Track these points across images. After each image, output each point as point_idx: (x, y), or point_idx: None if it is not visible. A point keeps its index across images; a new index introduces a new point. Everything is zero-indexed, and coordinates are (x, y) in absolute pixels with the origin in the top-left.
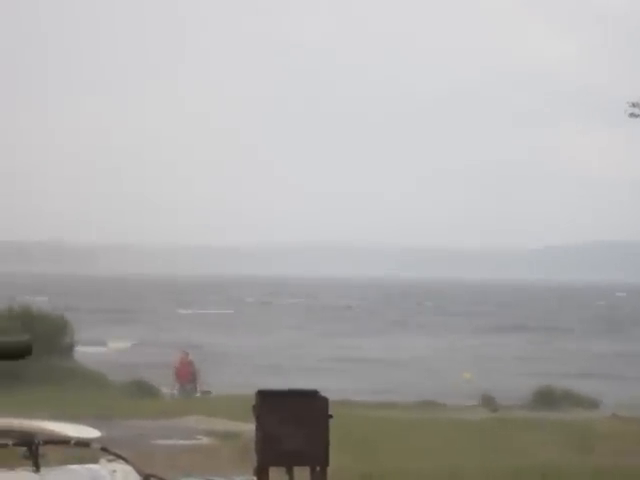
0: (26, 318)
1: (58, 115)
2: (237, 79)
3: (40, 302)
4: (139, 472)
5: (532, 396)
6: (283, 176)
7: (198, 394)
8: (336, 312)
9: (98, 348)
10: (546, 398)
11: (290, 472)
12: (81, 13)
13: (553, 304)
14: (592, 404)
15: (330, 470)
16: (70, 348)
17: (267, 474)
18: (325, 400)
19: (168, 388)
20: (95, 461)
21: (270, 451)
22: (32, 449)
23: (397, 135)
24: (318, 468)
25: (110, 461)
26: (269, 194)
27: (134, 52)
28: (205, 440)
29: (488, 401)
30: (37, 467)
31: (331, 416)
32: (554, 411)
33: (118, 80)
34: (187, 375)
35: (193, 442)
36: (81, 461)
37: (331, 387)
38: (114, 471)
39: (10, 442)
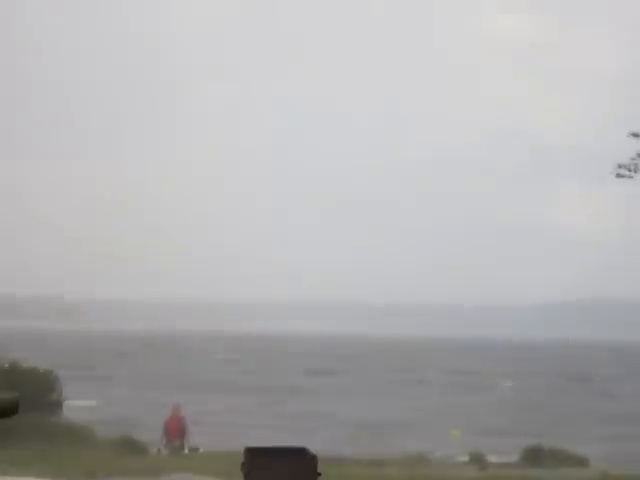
0: (14, 374)
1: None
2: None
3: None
4: None
5: (521, 453)
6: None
7: (186, 451)
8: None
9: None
10: (535, 456)
11: None
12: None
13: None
14: (581, 462)
15: None
16: (59, 404)
17: None
18: (314, 458)
19: (156, 444)
20: None
21: None
22: None
23: (383, 196)
24: None
25: None
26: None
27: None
28: None
29: (477, 458)
30: None
31: (319, 474)
32: (543, 469)
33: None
34: (177, 431)
35: None
36: None
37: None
38: None
39: None
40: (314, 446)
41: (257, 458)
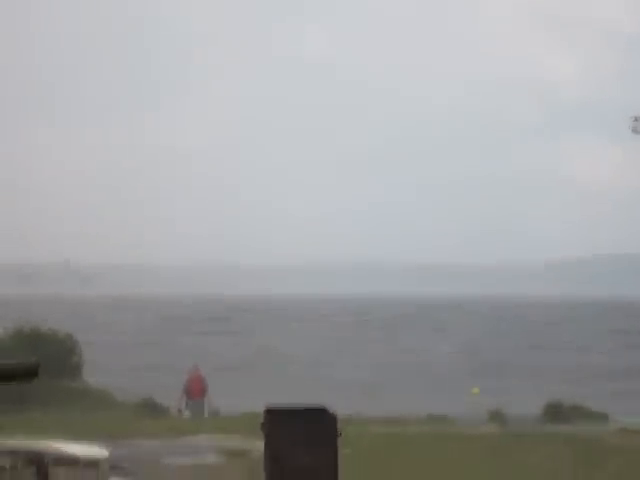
0: (35, 339)
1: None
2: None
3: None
4: None
5: (541, 410)
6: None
7: (206, 412)
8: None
9: None
10: (555, 412)
11: None
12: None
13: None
14: (601, 418)
15: None
16: (79, 368)
17: None
18: (334, 417)
19: (177, 406)
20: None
21: (279, 469)
22: (41, 469)
23: (397, 149)
24: None
25: None
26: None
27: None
28: (214, 458)
29: (498, 416)
30: None
31: (340, 434)
32: (563, 424)
33: (121, 99)
34: (197, 391)
35: (202, 460)
36: None
37: None
38: None
39: (19, 463)
40: None
41: (277, 418)
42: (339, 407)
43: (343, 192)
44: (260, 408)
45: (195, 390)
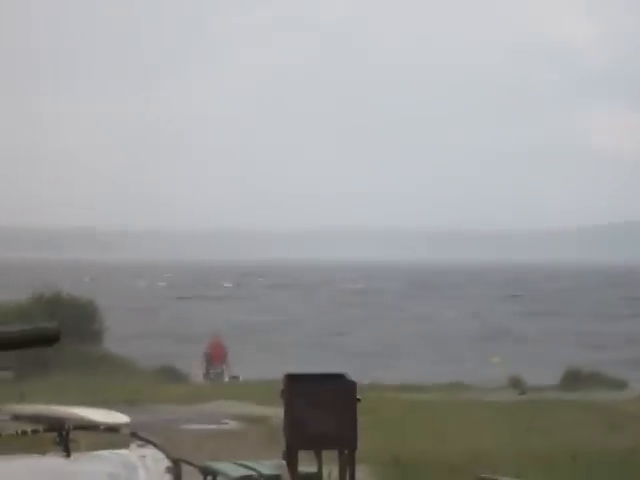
0: (56, 304)
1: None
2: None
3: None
4: (168, 457)
5: (560, 377)
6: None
7: (226, 378)
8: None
9: None
10: (574, 379)
11: (319, 455)
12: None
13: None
14: (620, 385)
15: (358, 453)
16: (99, 334)
17: (296, 457)
18: (353, 383)
19: (198, 372)
20: (125, 446)
21: (299, 435)
22: (62, 435)
23: (417, 117)
24: (346, 451)
25: (140, 446)
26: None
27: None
28: (233, 424)
29: (516, 383)
30: (67, 452)
31: (359, 399)
32: (582, 392)
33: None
34: (219, 358)
35: (222, 427)
36: (111, 446)
37: None
38: (143, 456)
39: (41, 428)
40: None
41: (296, 384)
42: (356, 375)
43: (358, 159)
44: (277, 375)
45: (215, 356)
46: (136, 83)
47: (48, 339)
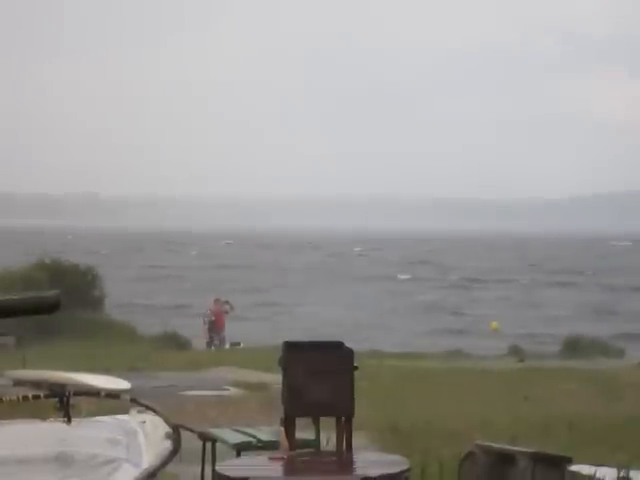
0: (56, 271)
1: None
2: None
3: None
4: (168, 423)
5: (560, 345)
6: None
7: (227, 345)
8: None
9: None
10: (573, 347)
11: (316, 423)
12: None
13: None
14: (618, 353)
15: (357, 420)
16: (100, 301)
17: (294, 425)
18: (350, 351)
19: (201, 339)
20: (125, 412)
21: (296, 402)
22: (63, 400)
23: (427, 86)
24: (344, 419)
25: (140, 412)
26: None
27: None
28: (234, 391)
29: (516, 351)
30: (68, 418)
31: (356, 367)
32: (582, 360)
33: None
34: (221, 325)
35: (222, 393)
36: (112, 412)
37: None
38: (143, 422)
39: (42, 394)
40: None
41: (294, 352)
42: (356, 342)
43: (363, 129)
44: (278, 342)
45: (217, 323)
46: (137, 51)
47: (48, 307)
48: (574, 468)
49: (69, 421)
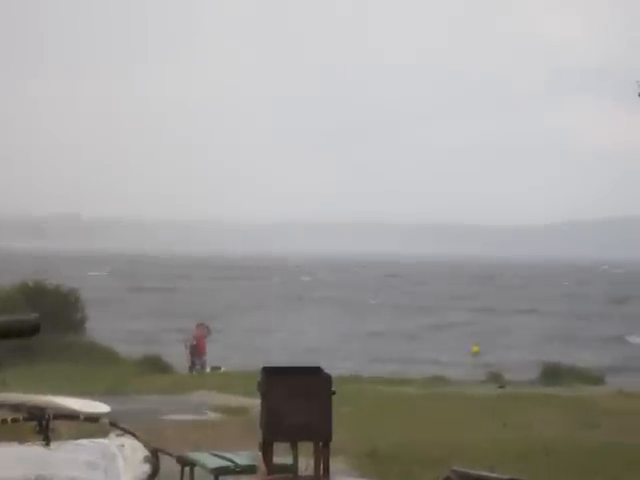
0: (39, 293)
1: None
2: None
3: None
4: (147, 447)
5: (539, 372)
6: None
7: (208, 369)
8: None
9: None
10: (553, 374)
11: (294, 447)
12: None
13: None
14: (597, 380)
15: (336, 445)
16: (81, 323)
17: (271, 449)
18: (328, 376)
19: (184, 363)
20: (104, 435)
21: (275, 426)
22: (42, 424)
23: (396, 115)
24: (321, 443)
25: (119, 436)
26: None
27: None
28: (214, 415)
29: (496, 377)
30: (47, 441)
31: (334, 392)
32: (561, 387)
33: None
34: (202, 349)
35: (202, 417)
36: (92, 435)
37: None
38: (122, 445)
39: (21, 416)
40: None
41: (272, 377)
42: (344, 367)
43: (343, 155)
44: (258, 365)
45: (199, 347)
46: (121, 67)
47: (28, 330)
48: None
49: (48, 444)
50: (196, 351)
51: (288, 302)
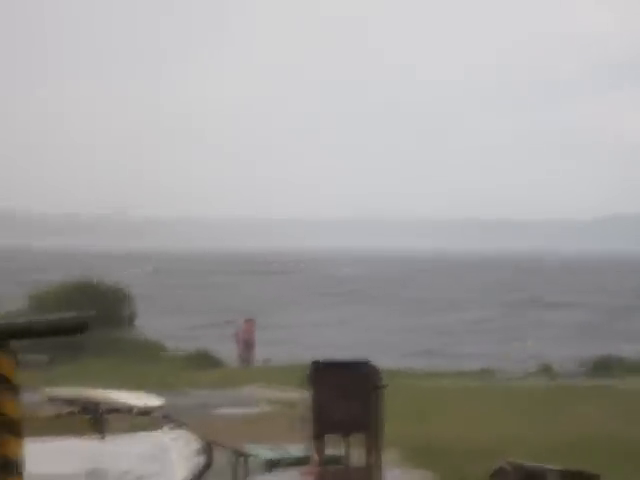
0: (89, 291)
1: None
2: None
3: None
4: (200, 439)
5: (589, 364)
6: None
7: (259, 362)
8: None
9: None
10: (603, 366)
11: (346, 439)
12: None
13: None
14: None
15: (391, 438)
16: (131, 320)
17: (323, 441)
18: (377, 370)
19: (233, 357)
20: (158, 428)
21: (325, 419)
22: (97, 417)
23: (447, 104)
24: (372, 435)
25: (172, 429)
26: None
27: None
28: (265, 408)
29: (545, 369)
30: (102, 434)
31: (384, 385)
32: (612, 379)
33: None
34: (252, 343)
35: (253, 410)
36: (145, 429)
37: None
38: (175, 438)
39: (76, 410)
40: None
41: (322, 371)
42: (385, 362)
43: (376, 146)
44: (308, 358)
45: (247, 340)
46: (146, 68)
47: (77, 328)
48: None
49: (103, 437)
50: (245, 345)
51: (320, 297)
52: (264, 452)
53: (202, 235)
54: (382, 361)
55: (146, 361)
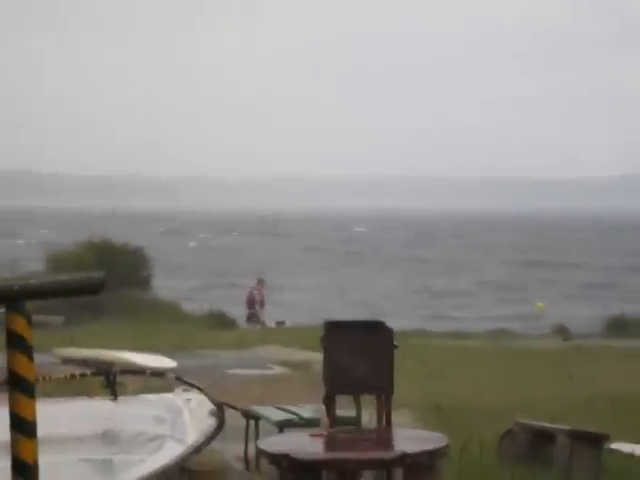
0: (105, 251)
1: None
2: None
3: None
4: (212, 401)
5: (604, 324)
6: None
7: (273, 324)
8: None
9: None
10: (618, 326)
11: (357, 400)
12: None
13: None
14: None
15: (402, 399)
16: (148, 281)
17: (334, 402)
18: (390, 330)
19: (246, 318)
20: (171, 390)
21: (337, 380)
22: (110, 379)
23: (466, 66)
24: (383, 396)
25: (185, 391)
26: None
27: None
28: (278, 370)
29: (560, 330)
30: (114, 396)
31: (396, 346)
32: (627, 339)
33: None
34: (264, 304)
35: (266, 372)
36: (158, 390)
37: None
38: (188, 400)
39: (89, 372)
40: None
41: (335, 331)
42: (396, 323)
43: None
44: (320, 321)
45: (260, 302)
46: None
47: (93, 288)
48: (614, 446)
49: (115, 399)
50: (255, 305)
51: (335, 258)
52: (275, 413)
53: (201, 196)
54: (393, 322)
55: (161, 322)
